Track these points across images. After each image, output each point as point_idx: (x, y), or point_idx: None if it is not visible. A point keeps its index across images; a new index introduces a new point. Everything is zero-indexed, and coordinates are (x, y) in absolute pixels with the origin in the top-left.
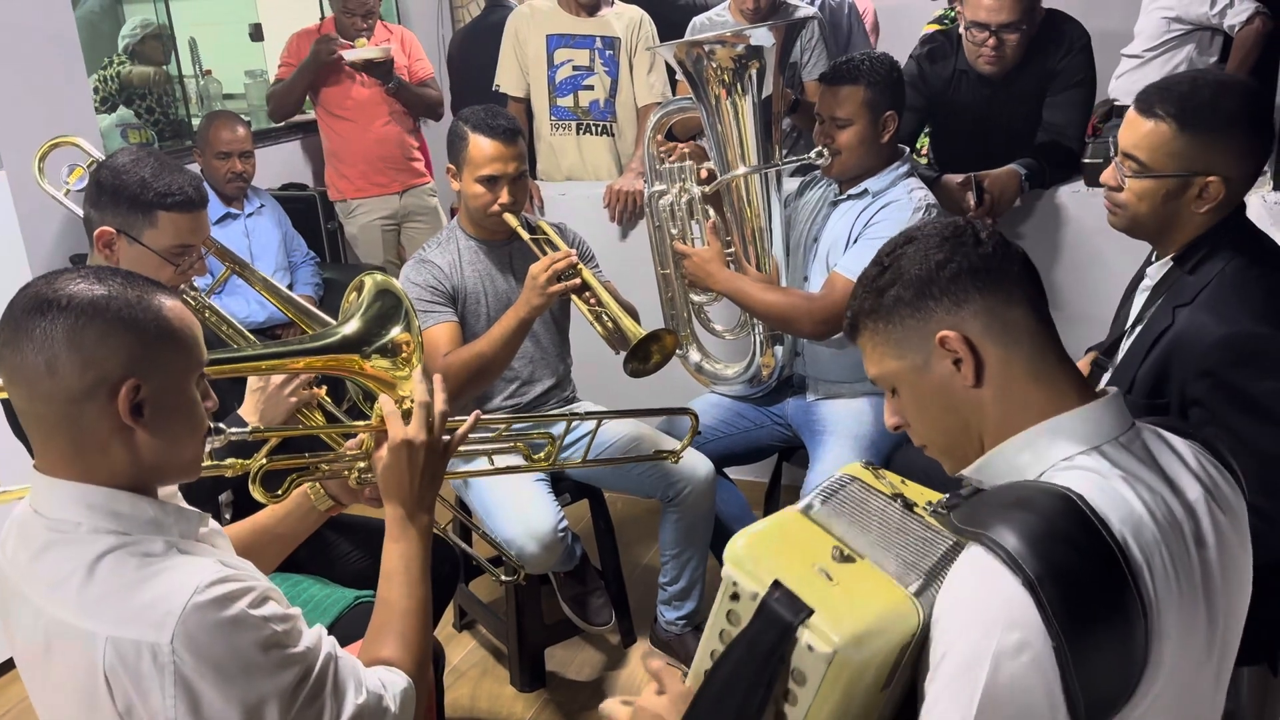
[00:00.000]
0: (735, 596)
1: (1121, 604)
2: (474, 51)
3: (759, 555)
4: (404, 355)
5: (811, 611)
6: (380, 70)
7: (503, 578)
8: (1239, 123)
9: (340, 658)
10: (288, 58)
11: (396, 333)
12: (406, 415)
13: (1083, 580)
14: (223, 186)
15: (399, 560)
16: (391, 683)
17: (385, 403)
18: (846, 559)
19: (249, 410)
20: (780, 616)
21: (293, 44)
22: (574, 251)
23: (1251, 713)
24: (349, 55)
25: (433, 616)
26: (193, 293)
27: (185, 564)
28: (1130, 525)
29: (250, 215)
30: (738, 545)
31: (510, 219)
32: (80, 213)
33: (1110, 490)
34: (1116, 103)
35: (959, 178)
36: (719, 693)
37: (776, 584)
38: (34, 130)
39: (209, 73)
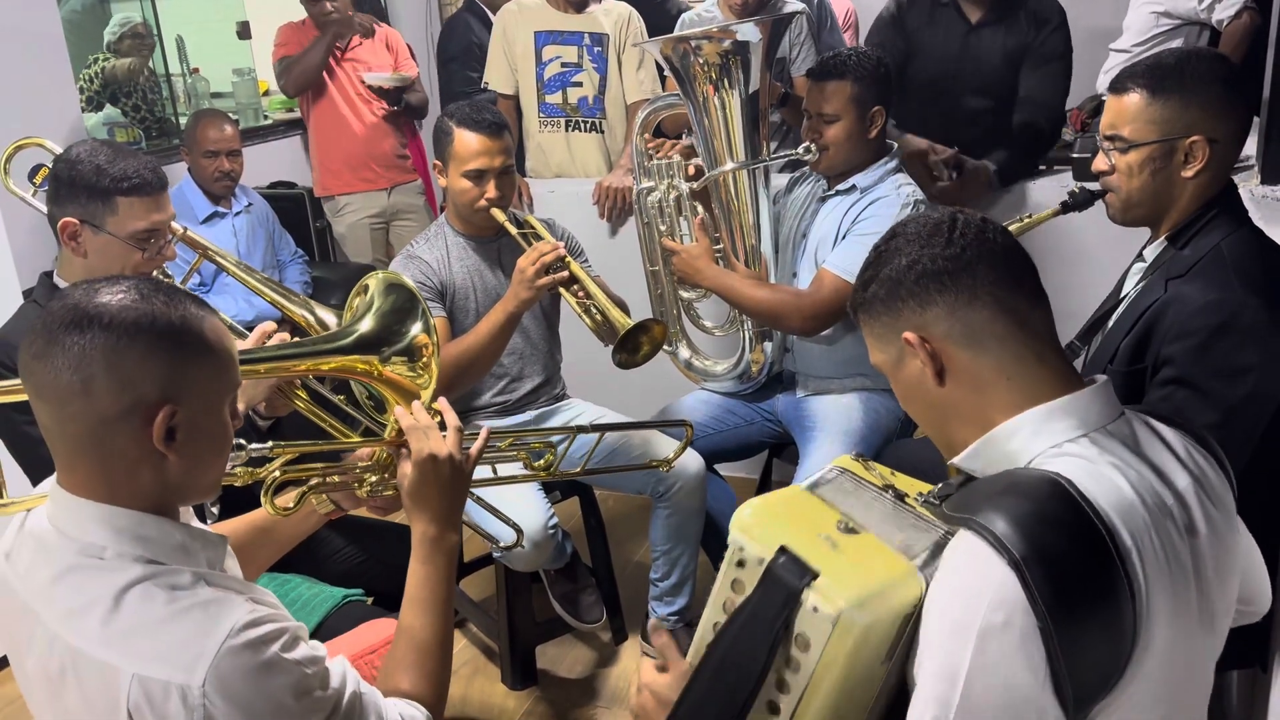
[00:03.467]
0: (741, 563)
1: (1110, 586)
2: (445, 47)
3: (765, 523)
4: (423, 360)
5: (817, 574)
6: (391, 95)
7: (501, 546)
8: (1209, 82)
9: (364, 694)
10: (284, 40)
11: (416, 332)
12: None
13: (1070, 562)
14: (210, 185)
15: (425, 586)
16: (411, 717)
17: (403, 416)
18: (851, 530)
19: None
20: (786, 580)
21: (283, 34)
22: (561, 245)
23: (1240, 712)
24: (370, 79)
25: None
26: (166, 279)
27: (216, 601)
28: (1120, 509)
29: (238, 214)
30: (745, 514)
31: (497, 214)
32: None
33: (1099, 475)
34: (1104, 97)
35: (928, 146)
36: (721, 661)
37: (783, 549)
38: (18, 131)
39: (196, 71)
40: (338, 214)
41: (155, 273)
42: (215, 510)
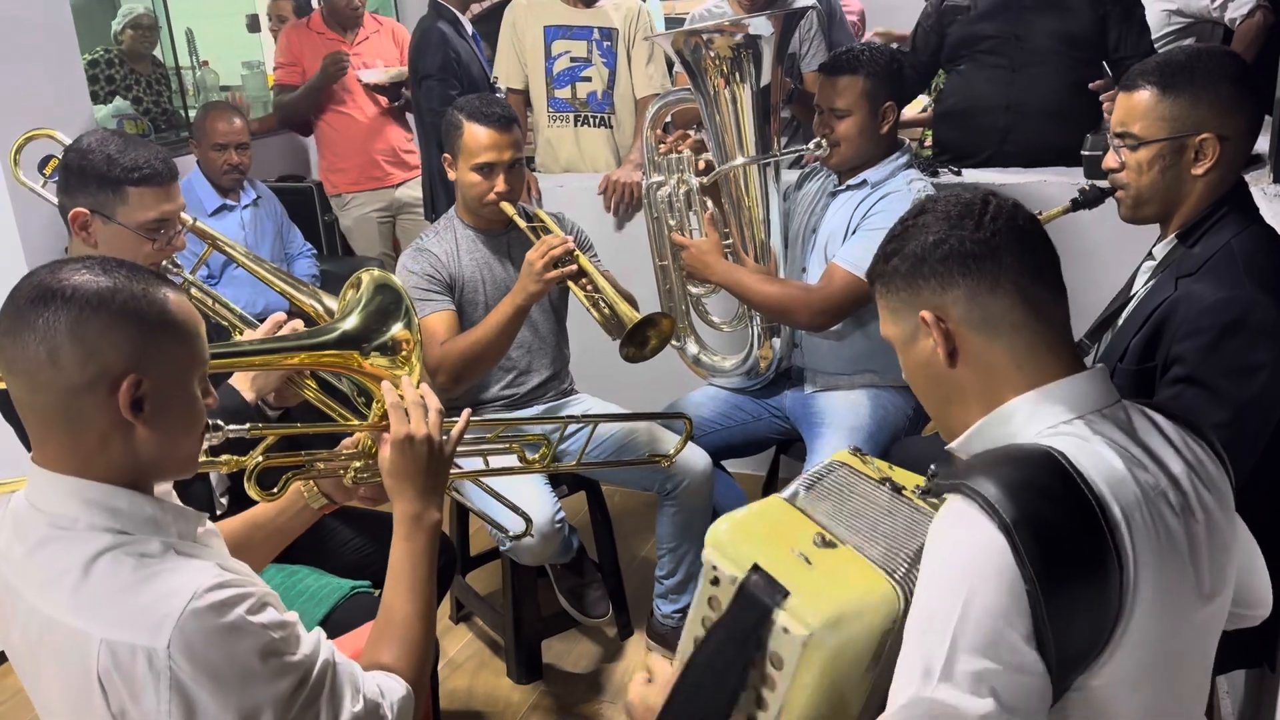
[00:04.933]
0: (716, 581)
1: (1098, 556)
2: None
3: (739, 540)
4: (403, 354)
5: (788, 594)
6: (389, 91)
7: (510, 536)
8: (1219, 79)
9: (338, 664)
10: (284, 58)
11: (397, 330)
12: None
13: (1059, 529)
14: (219, 178)
15: (406, 562)
16: (390, 689)
17: (389, 393)
18: (828, 544)
19: (241, 379)
20: (758, 599)
21: (284, 42)
22: (570, 238)
23: (1248, 711)
24: (364, 77)
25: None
26: (175, 268)
27: (183, 567)
28: (1111, 483)
29: (246, 207)
30: (720, 530)
31: (507, 207)
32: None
33: (1092, 451)
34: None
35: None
36: (697, 677)
37: (755, 568)
38: (28, 123)
39: (206, 64)
40: (344, 208)
41: (164, 263)
42: (224, 501)
